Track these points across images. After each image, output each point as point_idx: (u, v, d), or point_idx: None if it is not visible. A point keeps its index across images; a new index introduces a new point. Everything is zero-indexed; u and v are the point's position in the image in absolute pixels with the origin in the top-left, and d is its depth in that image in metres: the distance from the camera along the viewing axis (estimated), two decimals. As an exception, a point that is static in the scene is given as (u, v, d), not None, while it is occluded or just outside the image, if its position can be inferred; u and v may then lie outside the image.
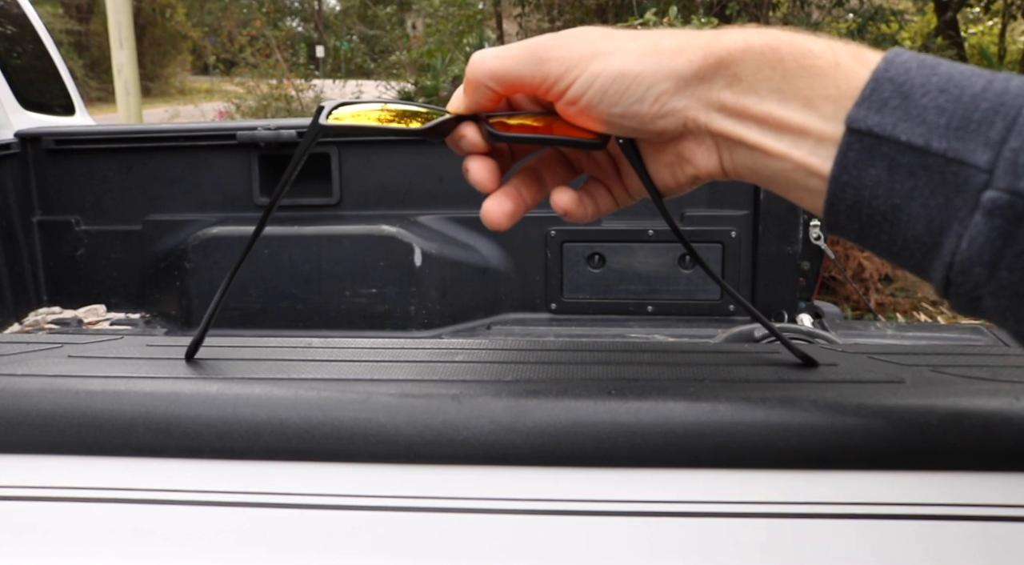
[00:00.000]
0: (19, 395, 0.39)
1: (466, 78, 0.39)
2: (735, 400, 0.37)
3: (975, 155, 0.29)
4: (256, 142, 1.78)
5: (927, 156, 0.30)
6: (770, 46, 0.34)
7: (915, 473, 0.37)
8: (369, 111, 0.41)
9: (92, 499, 0.39)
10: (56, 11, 14.02)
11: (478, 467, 0.37)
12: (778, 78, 0.34)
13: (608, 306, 1.71)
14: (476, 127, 0.40)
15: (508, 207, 0.40)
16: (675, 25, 4.59)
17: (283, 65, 8.53)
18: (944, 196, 0.30)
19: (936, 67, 0.31)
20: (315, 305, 1.84)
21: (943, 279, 0.31)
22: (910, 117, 0.30)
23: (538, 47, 0.36)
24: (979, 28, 8.38)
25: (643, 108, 0.35)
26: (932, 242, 0.31)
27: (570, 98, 0.36)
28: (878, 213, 0.32)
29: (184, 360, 0.43)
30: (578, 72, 0.36)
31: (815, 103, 0.33)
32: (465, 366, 0.43)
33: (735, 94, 0.35)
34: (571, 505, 0.37)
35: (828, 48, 0.33)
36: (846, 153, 0.32)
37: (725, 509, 0.37)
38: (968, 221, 0.29)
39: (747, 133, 0.35)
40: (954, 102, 0.30)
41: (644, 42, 0.35)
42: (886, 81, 0.31)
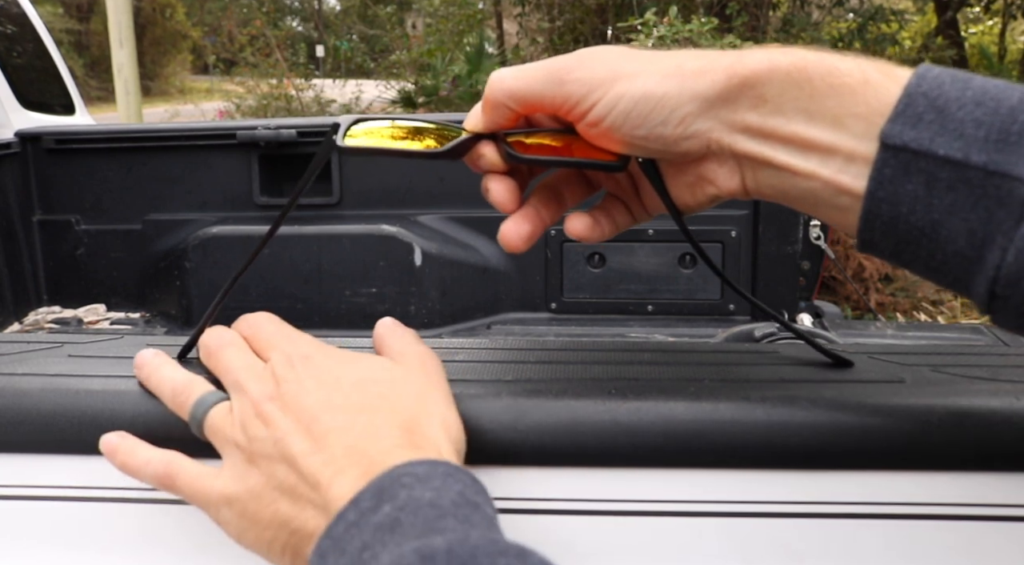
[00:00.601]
0: (19, 394, 0.39)
1: (485, 97, 0.38)
2: (735, 400, 0.37)
3: (1018, 167, 0.29)
4: (256, 142, 1.78)
5: (967, 169, 0.30)
6: (796, 66, 0.33)
7: (915, 473, 0.37)
8: (384, 128, 0.40)
9: (92, 498, 0.39)
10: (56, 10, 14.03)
11: (478, 466, 0.37)
12: (805, 98, 0.33)
13: (608, 306, 1.71)
14: (494, 146, 0.39)
15: (526, 230, 0.40)
16: (675, 25, 4.59)
17: (283, 65, 8.53)
18: (986, 209, 0.30)
19: (970, 81, 0.31)
20: (315, 305, 1.84)
21: (987, 293, 0.30)
22: (947, 131, 0.30)
23: (559, 68, 0.36)
24: (979, 28, 8.38)
25: (667, 130, 0.35)
26: (975, 256, 0.30)
27: (592, 120, 0.36)
28: (916, 229, 0.31)
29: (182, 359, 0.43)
30: (600, 94, 0.35)
31: (844, 121, 0.33)
32: (465, 365, 0.43)
33: (761, 115, 0.34)
34: (571, 504, 0.37)
35: (856, 66, 0.33)
36: (882, 169, 0.31)
37: (725, 508, 0.37)
38: (1013, 233, 0.29)
39: (774, 154, 0.34)
40: (991, 114, 0.30)
41: (667, 63, 0.35)
42: (919, 96, 0.31)
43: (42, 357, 0.44)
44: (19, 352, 0.45)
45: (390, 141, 0.39)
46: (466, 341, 0.48)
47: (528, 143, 0.39)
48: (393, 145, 0.39)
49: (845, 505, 0.37)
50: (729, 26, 5.41)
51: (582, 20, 6.49)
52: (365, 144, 0.39)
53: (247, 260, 0.42)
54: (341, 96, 8.84)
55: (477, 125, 0.39)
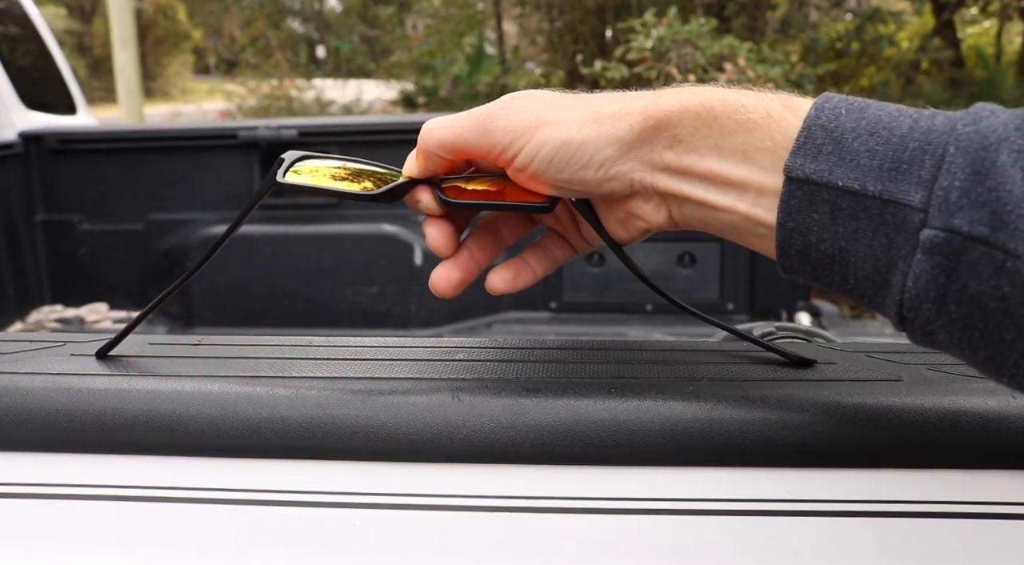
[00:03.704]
0: (22, 393, 0.39)
1: (418, 146, 0.40)
2: (734, 399, 0.37)
3: (909, 195, 0.30)
4: (257, 142, 1.78)
5: (865, 199, 0.31)
6: (704, 105, 0.35)
7: (913, 471, 0.37)
8: (327, 167, 0.42)
9: (94, 497, 0.39)
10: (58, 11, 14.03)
11: (478, 465, 0.37)
12: (716, 136, 0.35)
13: (607, 305, 1.71)
14: (431, 191, 0.41)
15: (455, 277, 0.41)
16: (673, 25, 4.59)
17: (284, 65, 8.53)
18: (886, 236, 0.31)
19: (864, 110, 0.32)
20: (316, 304, 1.84)
21: (897, 315, 0.31)
22: (844, 162, 0.31)
23: (485, 117, 0.38)
24: (976, 29, 8.38)
25: (589, 174, 0.37)
26: (882, 280, 0.31)
27: (518, 166, 0.37)
28: (827, 256, 0.33)
29: (103, 357, 0.44)
30: (523, 142, 0.37)
31: (753, 156, 0.34)
32: (465, 364, 0.43)
33: (676, 154, 0.36)
34: (571, 503, 0.37)
35: (760, 101, 0.35)
36: (788, 201, 0.33)
37: (724, 507, 0.37)
38: (911, 259, 0.30)
39: (692, 190, 0.36)
40: (884, 144, 0.31)
41: (586, 109, 0.37)
42: (818, 128, 0.32)
43: (45, 356, 0.44)
44: (22, 351, 0.45)
45: (330, 181, 0.41)
46: (466, 340, 0.48)
47: (464, 188, 0.41)
48: (332, 185, 0.41)
49: (844, 503, 0.37)
50: (728, 27, 5.41)
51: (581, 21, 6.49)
52: (305, 182, 0.41)
53: (185, 275, 0.44)
54: (342, 97, 8.83)
55: (414, 170, 0.41)
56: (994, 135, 0.29)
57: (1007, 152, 0.28)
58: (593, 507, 0.37)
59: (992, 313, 0.29)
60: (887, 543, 0.37)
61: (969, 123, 0.30)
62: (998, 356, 0.29)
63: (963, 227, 0.29)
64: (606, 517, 0.37)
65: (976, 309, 0.29)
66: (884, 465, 0.37)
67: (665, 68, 4.63)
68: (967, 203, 0.29)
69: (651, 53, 4.63)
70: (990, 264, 0.28)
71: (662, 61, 4.63)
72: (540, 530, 0.37)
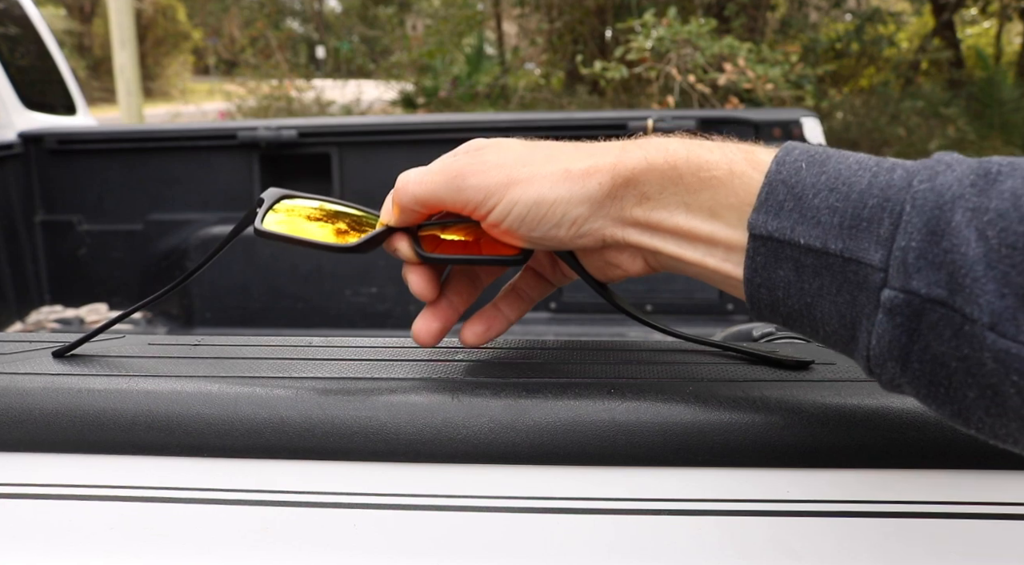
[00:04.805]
0: (21, 393, 0.39)
1: (393, 199, 0.41)
2: (733, 399, 0.37)
3: (869, 254, 0.30)
4: (257, 142, 1.78)
5: (827, 256, 0.31)
6: (669, 163, 0.36)
7: (913, 471, 0.37)
8: (306, 208, 0.43)
9: (93, 497, 0.39)
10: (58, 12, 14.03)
11: (478, 465, 0.37)
12: (682, 193, 0.35)
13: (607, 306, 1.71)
14: (408, 240, 0.41)
15: (435, 327, 0.42)
16: (673, 26, 4.59)
17: (284, 66, 8.53)
18: (850, 293, 0.31)
19: (825, 163, 0.32)
20: (316, 304, 1.84)
21: (866, 369, 0.32)
22: (806, 219, 0.31)
23: (456, 175, 0.38)
24: (976, 30, 8.39)
25: (560, 232, 0.37)
26: (848, 336, 0.32)
27: (491, 222, 0.38)
28: (794, 311, 0.33)
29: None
30: (496, 200, 0.37)
31: (719, 213, 0.35)
32: (465, 365, 0.43)
33: (645, 211, 0.37)
34: (570, 503, 0.37)
35: (723, 156, 0.35)
36: (754, 258, 0.33)
37: (723, 507, 0.37)
38: (874, 318, 0.30)
39: (664, 245, 0.37)
40: (843, 200, 0.31)
41: (556, 167, 0.37)
42: (779, 184, 0.32)
43: (44, 356, 0.44)
44: (21, 351, 0.45)
45: (309, 225, 0.42)
46: None
47: (441, 237, 0.42)
48: (310, 236, 0.42)
49: (844, 503, 0.37)
50: (728, 27, 5.41)
51: (581, 21, 6.49)
52: (281, 231, 0.41)
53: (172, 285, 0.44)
54: (342, 97, 8.84)
55: (390, 220, 0.41)
56: (949, 192, 0.29)
57: (961, 211, 0.28)
58: (593, 507, 0.37)
59: (955, 372, 0.29)
60: (887, 543, 0.37)
61: (925, 179, 0.30)
62: (963, 412, 0.30)
63: (921, 289, 0.29)
64: (606, 517, 0.37)
65: (939, 368, 0.29)
66: (884, 465, 0.37)
67: (665, 68, 4.63)
68: (924, 264, 0.29)
69: (651, 53, 4.63)
70: (950, 326, 0.28)
71: (662, 61, 4.64)
72: (540, 530, 0.37)
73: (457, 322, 0.44)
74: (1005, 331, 0.27)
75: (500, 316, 0.44)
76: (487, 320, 0.44)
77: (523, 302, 0.45)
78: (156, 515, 0.39)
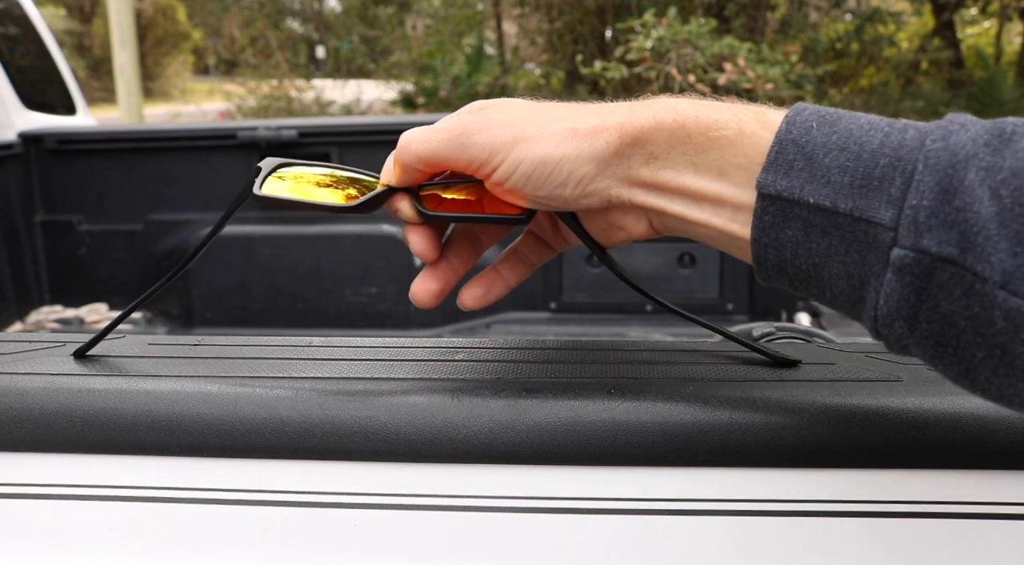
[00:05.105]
0: (21, 393, 0.39)
1: (395, 158, 0.40)
2: (733, 399, 0.37)
3: (879, 213, 0.30)
4: (257, 142, 1.78)
5: (836, 216, 0.31)
6: (678, 122, 0.35)
7: (913, 471, 0.37)
8: (308, 174, 0.42)
9: (93, 497, 0.39)
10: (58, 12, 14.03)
11: (478, 465, 0.37)
12: (690, 152, 0.35)
13: (607, 305, 1.71)
14: (409, 200, 0.41)
15: (435, 288, 0.42)
16: (673, 26, 4.58)
17: (284, 66, 8.53)
18: (858, 253, 0.31)
19: (836, 123, 0.32)
20: (315, 304, 1.84)
21: (873, 330, 0.32)
22: (816, 178, 0.31)
23: (461, 132, 0.37)
24: (976, 29, 8.39)
25: (566, 191, 0.37)
26: (856, 296, 0.31)
27: (495, 181, 0.37)
28: (802, 271, 0.33)
29: (81, 357, 0.44)
30: (501, 157, 0.37)
31: (727, 172, 0.34)
32: (465, 365, 0.43)
33: (652, 170, 0.36)
34: (570, 503, 0.37)
35: (733, 116, 0.35)
36: (762, 217, 0.33)
37: (723, 507, 0.37)
38: (882, 278, 0.30)
39: (669, 205, 0.36)
40: (855, 160, 0.31)
41: (563, 125, 0.37)
42: (789, 143, 0.32)
43: (44, 356, 0.44)
44: (21, 351, 0.45)
45: (308, 187, 0.41)
46: (466, 340, 0.48)
47: (443, 196, 0.41)
48: (308, 197, 0.41)
49: (843, 503, 0.37)
50: (728, 27, 5.41)
51: (581, 21, 6.49)
52: (281, 194, 0.41)
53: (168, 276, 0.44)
54: (342, 97, 8.84)
55: (391, 180, 0.41)
56: (962, 152, 0.29)
57: (975, 170, 0.28)
58: (592, 507, 0.37)
59: (963, 332, 0.29)
60: (887, 543, 0.37)
61: (938, 139, 0.29)
62: (970, 372, 0.29)
63: (932, 247, 0.29)
64: (605, 517, 0.37)
65: (947, 327, 0.29)
66: (884, 465, 0.37)
67: (665, 68, 4.63)
68: (936, 223, 0.28)
69: (651, 53, 4.63)
70: (960, 285, 0.28)
71: (662, 61, 4.64)
72: (540, 530, 0.38)
73: (456, 285, 0.43)
74: (1016, 289, 0.27)
75: (499, 279, 0.44)
76: (486, 283, 0.43)
77: (523, 266, 0.44)
78: (156, 515, 0.39)
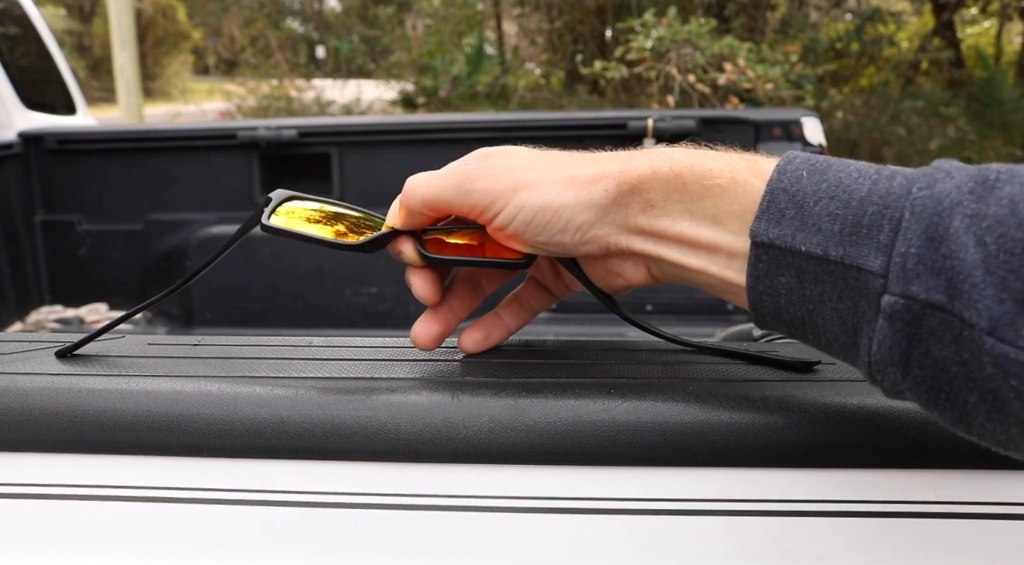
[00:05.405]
0: (21, 393, 0.39)
1: (400, 202, 0.41)
2: (733, 399, 0.37)
3: (869, 260, 0.30)
4: (257, 142, 1.79)
5: (828, 263, 0.31)
6: (673, 171, 0.36)
7: (913, 471, 0.37)
8: (313, 211, 0.43)
9: (93, 497, 0.39)
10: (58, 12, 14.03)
11: (478, 465, 0.37)
12: (686, 200, 0.36)
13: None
14: (413, 243, 0.42)
15: (435, 332, 0.43)
16: (673, 26, 4.58)
17: (284, 66, 8.53)
18: (851, 300, 0.31)
19: (826, 172, 0.33)
20: (316, 304, 1.84)
21: (868, 375, 0.32)
22: (807, 227, 0.32)
23: (465, 178, 0.38)
24: (976, 29, 8.38)
25: (565, 238, 0.38)
26: (850, 343, 0.32)
27: (497, 226, 0.38)
28: (796, 318, 0.33)
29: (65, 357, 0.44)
30: (502, 204, 0.38)
31: (722, 220, 0.35)
32: (465, 365, 0.43)
33: (649, 218, 0.37)
34: (570, 503, 0.37)
35: (726, 165, 0.35)
36: (756, 265, 0.33)
37: (723, 507, 0.37)
38: (874, 324, 0.30)
39: (666, 252, 0.37)
40: (844, 208, 0.31)
41: (563, 173, 0.37)
42: (780, 192, 0.33)
43: (44, 356, 0.44)
44: (21, 351, 0.45)
45: (314, 226, 0.42)
46: None
47: (446, 241, 0.42)
48: (316, 233, 0.42)
49: (844, 503, 0.37)
50: (728, 27, 5.41)
51: (581, 21, 6.49)
52: (289, 227, 0.42)
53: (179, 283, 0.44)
54: (342, 97, 8.84)
55: (396, 223, 0.42)
56: (947, 200, 0.29)
57: (960, 217, 0.29)
58: (593, 507, 0.37)
59: (955, 377, 0.29)
60: (887, 543, 0.37)
61: (924, 187, 0.30)
62: (965, 417, 0.30)
63: (921, 294, 0.29)
64: (605, 517, 0.37)
65: (940, 373, 0.29)
66: (884, 465, 0.37)
67: (665, 68, 4.63)
68: (924, 270, 0.29)
69: (651, 53, 4.63)
70: (949, 331, 0.29)
71: (662, 61, 4.64)
72: (540, 530, 0.38)
73: (457, 328, 0.44)
74: (1003, 336, 0.27)
75: (500, 324, 0.45)
76: (487, 328, 0.44)
77: (524, 312, 0.45)
78: (156, 515, 0.39)
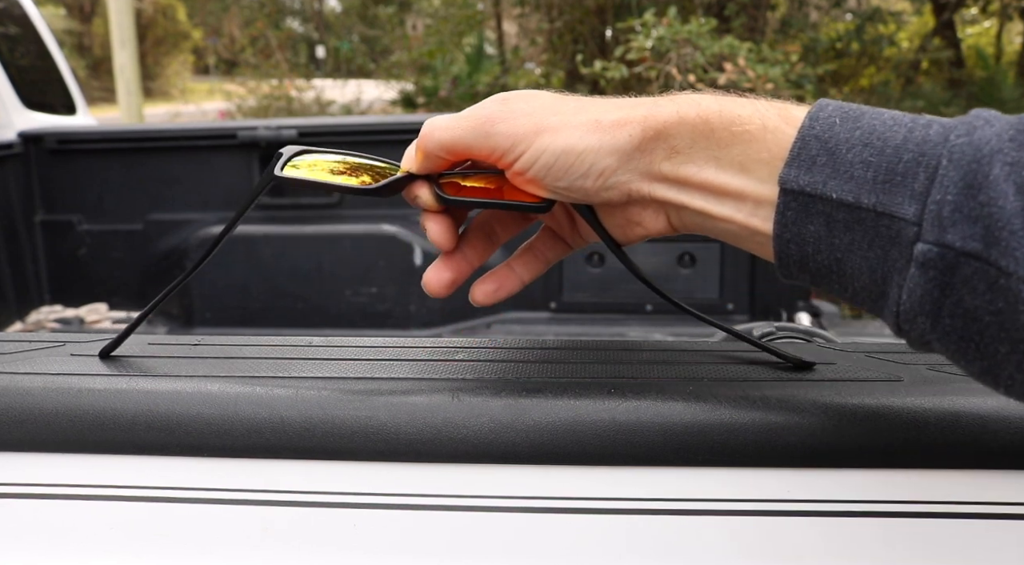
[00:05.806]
0: (22, 393, 0.39)
1: (417, 145, 0.40)
2: (733, 399, 0.37)
3: (903, 208, 0.30)
4: (257, 142, 1.79)
5: (859, 211, 0.31)
6: (701, 117, 0.35)
7: (913, 471, 0.37)
8: (326, 162, 0.42)
9: (94, 497, 0.39)
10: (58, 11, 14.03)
11: (478, 465, 0.37)
12: (713, 147, 0.35)
13: (607, 305, 1.71)
14: (429, 187, 0.41)
15: (447, 278, 0.42)
16: (673, 25, 4.58)
17: (284, 65, 8.53)
18: (881, 248, 0.31)
19: (859, 119, 0.32)
20: (316, 304, 1.84)
21: (895, 325, 0.31)
22: (839, 174, 0.31)
23: (485, 121, 0.37)
24: (976, 29, 8.38)
25: (587, 183, 0.37)
26: (878, 292, 0.31)
27: (517, 170, 0.37)
28: (824, 266, 0.33)
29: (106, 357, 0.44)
30: (524, 147, 0.37)
31: (750, 168, 0.34)
32: (465, 365, 0.43)
33: (674, 165, 0.36)
34: (570, 503, 0.37)
35: (756, 111, 0.35)
36: (784, 212, 0.33)
37: (723, 507, 0.37)
38: (905, 273, 0.30)
39: (690, 200, 0.36)
40: (878, 155, 0.31)
41: (586, 117, 0.37)
42: (812, 138, 0.32)
43: (44, 356, 0.44)
44: (21, 351, 0.45)
45: (328, 175, 0.41)
46: (466, 340, 0.48)
47: (462, 185, 0.41)
48: (330, 179, 0.41)
49: (844, 503, 0.37)
50: (728, 27, 5.41)
51: (581, 21, 6.48)
52: (303, 176, 0.41)
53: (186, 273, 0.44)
54: (342, 97, 8.83)
55: (412, 167, 0.41)
56: (987, 147, 0.29)
57: (1000, 165, 0.28)
58: (593, 507, 0.37)
59: (987, 327, 0.29)
60: (887, 543, 0.37)
61: (962, 134, 0.29)
62: (993, 368, 0.29)
63: (956, 242, 0.28)
64: (606, 517, 0.37)
65: (971, 322, 0.29)
66: (884, 465, 0.37)
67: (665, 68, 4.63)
68: (960, 218, 0.28)
69: (651, 53, 4.63)
70: (984, 279, 0.28)
71: (662, 61, 4.63)
72: (540, 530, 0.38)
73: (469, 277, 0.43)
74: None
75: (513, 275, 0.44)
76: (499, 279, 0.43)
77: (538, 263, 0.44)
78: (156, 515, 0.39)
